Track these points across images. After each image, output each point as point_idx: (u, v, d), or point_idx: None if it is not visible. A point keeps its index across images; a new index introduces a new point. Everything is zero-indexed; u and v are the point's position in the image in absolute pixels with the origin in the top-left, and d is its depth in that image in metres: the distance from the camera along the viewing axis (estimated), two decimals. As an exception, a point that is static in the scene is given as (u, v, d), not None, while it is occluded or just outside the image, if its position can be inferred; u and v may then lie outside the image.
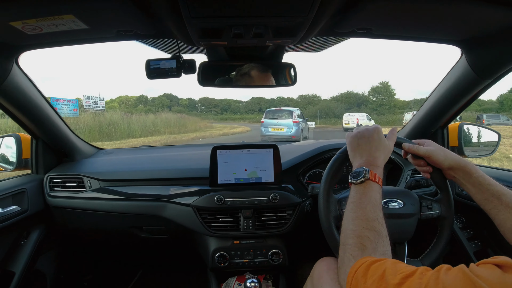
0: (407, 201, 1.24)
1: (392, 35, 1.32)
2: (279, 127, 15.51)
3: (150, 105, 62.97)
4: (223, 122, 47.68)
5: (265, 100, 66.17)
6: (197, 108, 75.48)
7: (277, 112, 16.50)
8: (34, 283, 1.76)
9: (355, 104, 57.19)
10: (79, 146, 2.03)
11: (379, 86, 60.88)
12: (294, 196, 1.68)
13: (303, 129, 16.39)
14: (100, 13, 1.04)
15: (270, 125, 15.72)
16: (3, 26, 1.04)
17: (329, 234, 1.18)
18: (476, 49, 1.32)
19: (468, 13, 1.06)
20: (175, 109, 54.60)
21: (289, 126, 15.45)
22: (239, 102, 73.39)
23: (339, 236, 1.13)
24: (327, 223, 1.18)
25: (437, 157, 1.11)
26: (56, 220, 1.86)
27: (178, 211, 1.69)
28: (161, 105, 55.88)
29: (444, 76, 1.60)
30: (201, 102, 78.06)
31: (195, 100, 79.24)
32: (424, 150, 1.14)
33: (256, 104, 63.87)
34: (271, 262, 1.70)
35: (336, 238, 1.16)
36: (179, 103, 69.31)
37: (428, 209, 1.22)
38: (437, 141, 1.86)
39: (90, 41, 1.32)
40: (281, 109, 17.10)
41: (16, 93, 1.46)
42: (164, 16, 1.08)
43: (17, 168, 1.82)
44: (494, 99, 55.06)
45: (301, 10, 0.98)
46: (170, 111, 42.51)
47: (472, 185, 1.05)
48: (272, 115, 16.27)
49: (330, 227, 1.18)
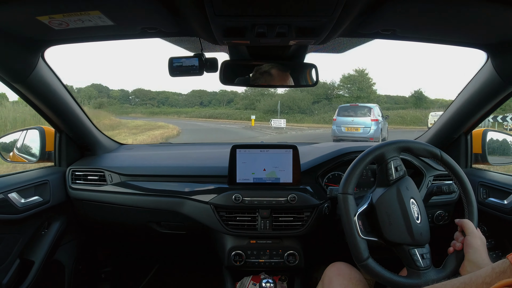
0: None
1: (416, 37, 1.30)
2: (355, 126, 13.01)
3: (75, 97, 52.03)
4: (153, 118, 40.30)
5: (206, 92, 58.92)
6: (130, 101, 65.49)
7: (352, 108, 13.92)
8: (52, 272, 1.80)
9: (323, 96, 45.52)
10: (101, 141, 2.06)
11: (353, 75, 45.33)
12: (312, 198, 1.66)
13: (382, 129, 13.55)
14: (126, 10, 1.05)
15: (344, 124, 13.17)
16: (31, 20, 1.06)
17: (348, 226, 1.18)
18: (502, 54, 1.29)
19: (495, 16, 1.03)
20: (98, 102, 46.76)
21: (367, 125, 12.91)
22: (179, 94, 64.20)
23: (356, 231, 1.16)
24: (347, 217, 1.19)
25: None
26: (77, 212, 1.90)
27: (196, 208, 1.70)
28: (87, 97, 46.04)
29: (469, 81, 1.56)
30: (135, 94, 67.27)
31: (128, 91, 68.36)
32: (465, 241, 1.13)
33: (197, 97, 57.58)
34: (287, 263, 1.69)
35: (354, 233, 1.17)
36: (110, 94, 59.68)
37: None
38: (460, 147, 1.82)
39: (114, 37, 1.34)
40: (358, 105, 14.66)
41: (41, 87, 1.48)
42: (189, 14, 1.08)
43: (40, 160, 1.86)
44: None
45: (325, 10, 0.97)
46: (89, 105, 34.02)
47: None
48: (346, 112, 13.62)
49: (349, 221, 1.18)
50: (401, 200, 1.21)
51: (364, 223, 1.21)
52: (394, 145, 1.27)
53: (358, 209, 1.21)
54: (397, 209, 1.20)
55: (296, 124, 32.00)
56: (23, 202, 1.54)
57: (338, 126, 13.27)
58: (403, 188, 1.23)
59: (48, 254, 1.69)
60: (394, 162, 1.25)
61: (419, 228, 1.19)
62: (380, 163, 1.27)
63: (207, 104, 53.43)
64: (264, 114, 39.18)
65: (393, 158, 1.25)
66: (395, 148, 1.26)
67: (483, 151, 1.80)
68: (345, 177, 1.24)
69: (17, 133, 1.91)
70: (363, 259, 1.15)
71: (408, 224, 1.18)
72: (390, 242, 1.20)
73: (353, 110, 13.61)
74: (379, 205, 1.21)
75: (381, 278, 1.15)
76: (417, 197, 1.26)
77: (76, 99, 1.73)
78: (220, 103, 52.86)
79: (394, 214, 1.20)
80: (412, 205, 1.22)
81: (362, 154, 1.26)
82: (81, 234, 2.02)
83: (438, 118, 1.88)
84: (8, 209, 1.48)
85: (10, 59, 1.28)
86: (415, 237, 1.18)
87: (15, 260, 1.57)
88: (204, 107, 50.86)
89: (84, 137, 1.91)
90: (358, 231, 1.17)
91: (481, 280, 0.74)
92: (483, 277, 0.74)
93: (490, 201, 1.61)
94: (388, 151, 1.25)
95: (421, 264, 1.16)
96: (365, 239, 1.18)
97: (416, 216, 1.21)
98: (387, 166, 1.24)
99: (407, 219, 1.19)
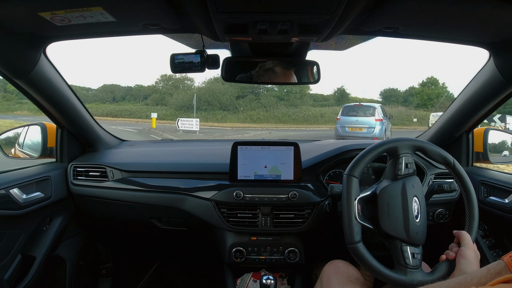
0: None
1: (419, 34, 1.30)
2: (359, 126, 12.66)
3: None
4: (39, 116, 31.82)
5: (120, 87, 49.83)
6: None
7: (356, 108, 13.49)
8: (54, 268, 1.81)
9: (249, 90, 36.96)
10: (103, 137, 2.06)
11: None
12: (313, 195, 1.67)
13: (386, 129, 13.27)
14: (128, 6, 1.05)
15: (348, 124, 12.82)
16: (33, 16, 1.06)
17: (347, 208, 1.19)
18: (505, 53, 1.29)
19: (497, 15, 1.03)
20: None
21: (371, 125, 12.58)
22: (88, 89, 53.55)
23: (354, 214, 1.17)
24: (348, 198, 1.19)
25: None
26: (78, 208, 1.90)
27: (198, 205, 1.71)
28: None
29: (471, 79, 1.56)
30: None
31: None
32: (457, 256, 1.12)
33: (108, 92, 48.43)
34: (287, 260, 1.70)
35: (351, 215, 1.18)
36: (6, 89, 48.48)
37: None
38: (462, 146, 1.82)
39: (117, 34, 1.34)
40: (362, 104, 14.01)
41: (43, 83, 1.48)
42: (191, 11, 1.08)
43: (42, 156, 1.86)
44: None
45: (328, 7, 0.97)
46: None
47: None
48: (350, 111, 13.29)
49: (350, 203, 1.19)
50: (404, 195, 1.21)
51: (363, 209, 1.21)
52: (409, 142, 1.27)
53: (360, 194, 1.21)
54: (398, 202, 1.20)
55: (216, 124, 26.62)
56: (24, 198, 1.54)
57: (342, 126, 12.90)
58: (409, 185, 1.23)
59: (49, 250, 1.70)
60: (406, 159, 1.25)
61: (416, 227, 1.19)
62: (392, 156, 1.27)
63: (121, 99, 46.23)
64: (176, 111, 33.69)
65: (405, 154, 1.25)
66: (409, 145, 1.26)
67: (485, 149, 1.80)
68: (355, 160, 1.24)
69: (19, 129, 1.92)
70: (354, 242, 1.16)
71: (406, 220, 1.18)
72: (384, 233, 1.19)
73: (357, 109, 13.28)
74: (382, 195, 1.21)
75: (367, 265, 1.15)
76: (420, 197, 1.26)
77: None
78: (135, 99, 45.57)
79: (395, 207, 1.20)
80: (414, 203, 1.22)
81: (377, 143, 1.26)
82: (82, 230, 2.03)
83: (439, 117, 1.88)
84: (10, 205, 1.48)
85: (12, 55, 1.28)
86: (410, 235, 1.18)
87: (16, 256, 1.58)
88: (116, 102, 44.75)
89: (85, 133, 1.91)
90: (356, 214, 1.18)
91: (476, 281, 0.74)
92: (478, 277, 0.74)
93: (491, 200, 1.62)
94: (402, 146, 1.25)
95: (410, 262, 1.16)
96: (361, 224, 1.18)
97: (415, 214, 1.21)
98: (398, 161, 1.24)
99: (406, 215, 1.19)
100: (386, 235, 1.20)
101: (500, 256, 0.73)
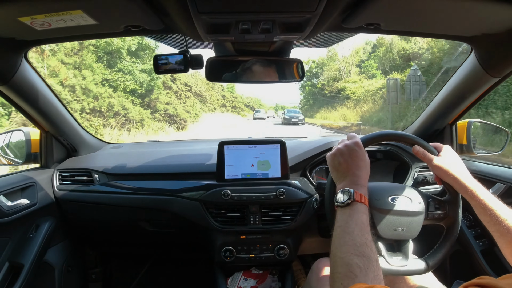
0: (414, 198, 1.20)
1: (400, 30, 1.31)
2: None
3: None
4: None
5: None
6: None
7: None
8: (42, 275, 1.78)
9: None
10: (88, 140, 2.04)
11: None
12: (301, 192, 1.68)
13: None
14: (108, 8, 1.04)
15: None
16: (12, 21, 1.04)
17: (330, 205, 1.14)
18: (485, 46, 1.31)
19: (477, 10, 1.04)
20: None
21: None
22: None
23: None
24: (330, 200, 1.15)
25: (443, 174, 1.11)
26: (65, 213, 1.88)
27: (186, 206, 1.71)
28: None
29: (453, 73, 1.58)
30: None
31: None
32: (434, 163, 1.12)
33: None
34: (277, 257, 1.70)
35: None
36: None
37: (435, 208, 1.18)
38: (445, 139, 1.84)
39: (98, 36, 1.33)
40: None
41: (25, 88, 1.47)
42: (172, 12, 1.08)
43: (26, 162, 1.84)
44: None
45: (309, 5, 0.97)
46: None
47: (475, 206, 1.05)
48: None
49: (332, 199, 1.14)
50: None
51: None
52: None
53: None
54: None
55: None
56: (10, 205, 1.52)
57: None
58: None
59: (37, 257, 1.68)
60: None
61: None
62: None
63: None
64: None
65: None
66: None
67: (468, 141, 1.82)
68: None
69: (1, 136, 1.88)
70: None
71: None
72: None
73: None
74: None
75: None
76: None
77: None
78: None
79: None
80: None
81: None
82: (70, 235, 2.01)
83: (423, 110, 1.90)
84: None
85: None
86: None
87: (4, 264, 1.56)
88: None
89: (70, 137, 1.89)
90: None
91: None
92: None
93: None
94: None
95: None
96: None
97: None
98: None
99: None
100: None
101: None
